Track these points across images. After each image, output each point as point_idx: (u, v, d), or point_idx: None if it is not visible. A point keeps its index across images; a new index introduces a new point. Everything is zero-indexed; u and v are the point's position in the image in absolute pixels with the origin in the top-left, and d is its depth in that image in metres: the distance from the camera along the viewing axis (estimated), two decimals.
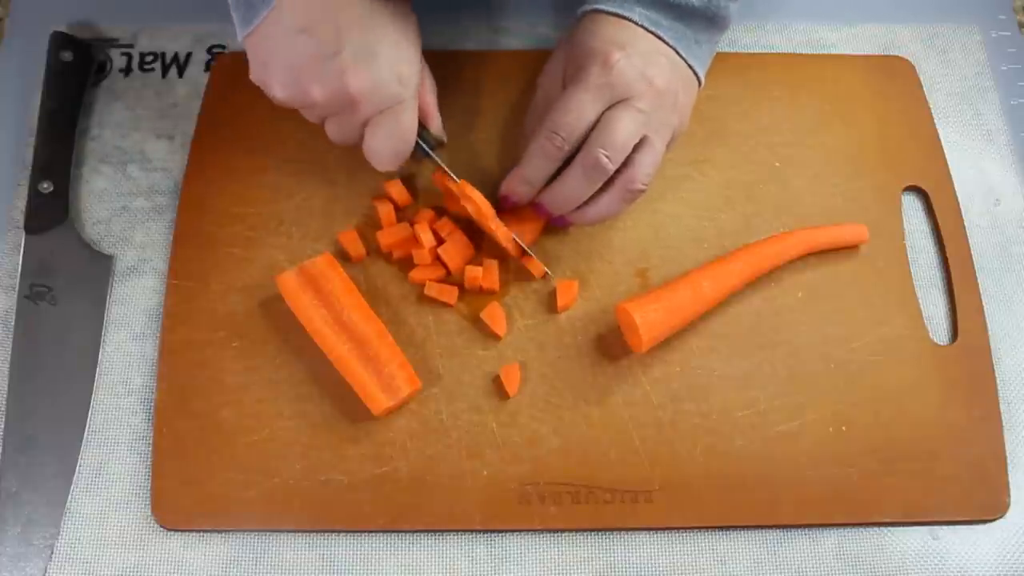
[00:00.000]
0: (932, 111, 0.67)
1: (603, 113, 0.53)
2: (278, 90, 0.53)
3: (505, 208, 0.58)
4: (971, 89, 0.69)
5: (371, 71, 0.51)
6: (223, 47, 0.68)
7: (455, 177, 0.58)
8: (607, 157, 0.52)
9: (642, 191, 0.54)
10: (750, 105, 0.66)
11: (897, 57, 0.69)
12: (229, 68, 0.67)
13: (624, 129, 0.52)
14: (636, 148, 0.53)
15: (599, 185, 0.54)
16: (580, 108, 0.52)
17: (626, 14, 0.54)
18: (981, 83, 0.69)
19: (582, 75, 0.53)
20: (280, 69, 0.52)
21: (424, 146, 0.57)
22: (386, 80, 0.52)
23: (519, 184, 0.56)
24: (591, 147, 0.53)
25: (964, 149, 0.66)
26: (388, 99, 0.52)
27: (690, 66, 0.56)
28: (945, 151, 0.65)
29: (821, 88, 0.67)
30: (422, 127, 0.56)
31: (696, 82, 0.57)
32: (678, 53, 0.55)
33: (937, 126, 0.66)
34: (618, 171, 0.54)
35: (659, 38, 0.55)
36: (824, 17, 0.71)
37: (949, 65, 0.70)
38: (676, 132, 0.56)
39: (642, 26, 0.54)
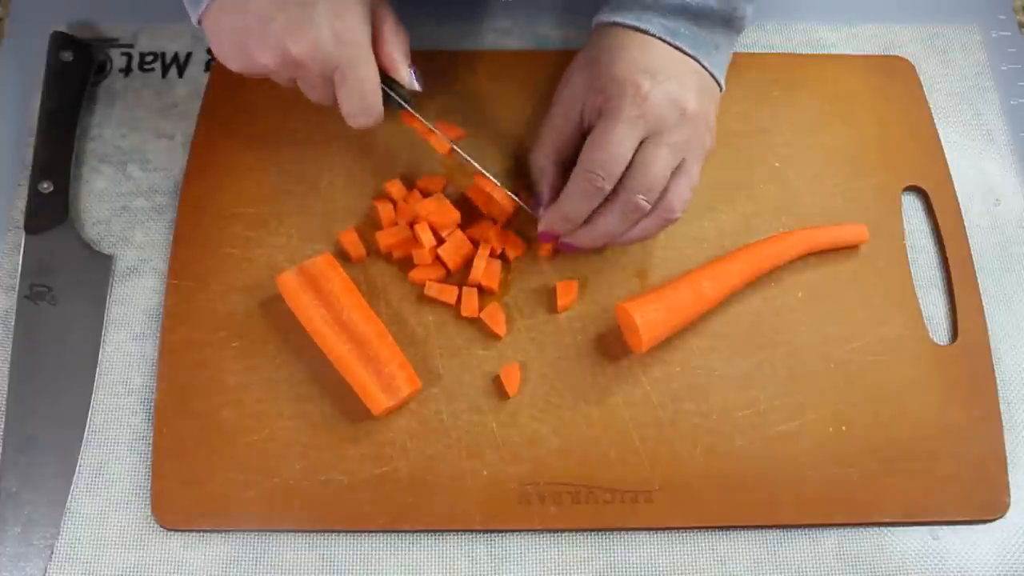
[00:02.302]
0: (932, 111, 0.67)
1: (639, 147, 0.53)
2: (233, 63, 0.54)
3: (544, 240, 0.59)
4: (971, 89, 0.69)
5: (308, 33, 0.51)
6: None
7: (432, 127, 0.58)
8: (645, 200, 0.53)
9: (679, 218, 0.55)
10: (750, 105, 0.66)
11: (897, 57, 0.69)
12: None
13: (660, 167, 0.53)
14: (672, 175, 0.54)
15: (636, 222, 0.55)
16: (618, 145, 0.52)
17: (644, 27, 0.54)
18: (981, 83, 0.69)
19: (614, 108, 0.52)
20: (230, 42, 0.53)
21: (398, 98, 0.56)
22: (324, 41, 0.52)
23: (560, 223, 0.55)
24: (630, 193, 0.53)
25: (964, 149, 0.66)
26: (332, 59, 0.52)
27: (712, 74, 0.55)
28: (945, 151, 0.65)
29: (821, 88, 0.67)
30: (392, 80, 0.56)
31: (718, 89, 0.57)
32: (700, 63, 0.55)
33: (937, 126, 0.66)
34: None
35: (679, 50, 0.54)
36: (824, 17, 0.71)
37: (949, 65, 0.70)
38: (707, 150, 0.56)
39: (661, 38, 0.54)
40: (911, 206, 0.64)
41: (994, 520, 0.55)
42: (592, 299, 0.60)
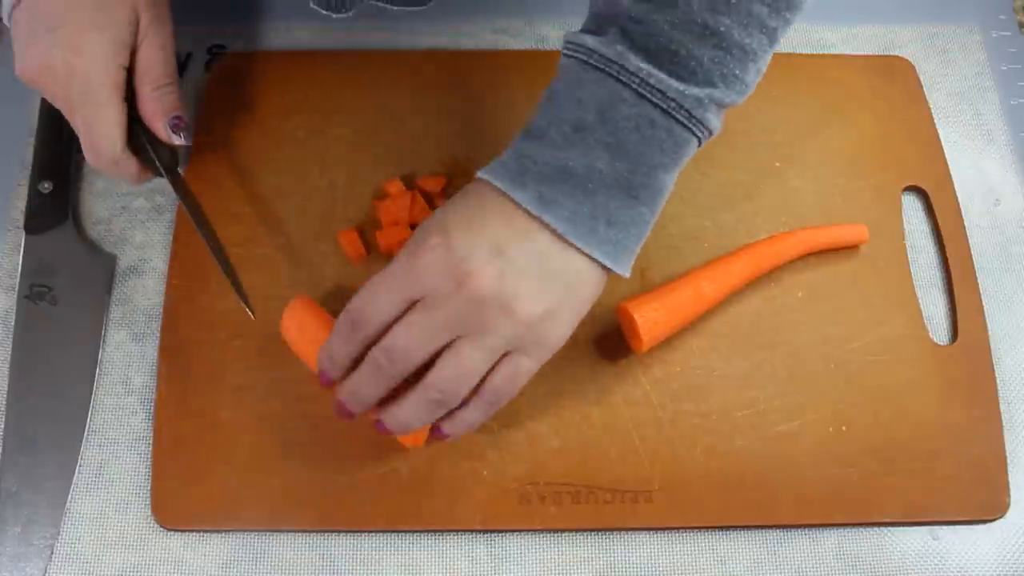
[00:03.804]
0: (932, 111, 0.67)
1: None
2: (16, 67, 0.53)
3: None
4: (971, 89, 0.69)
5: (45, 54, 0.50)
6: (223, 47, 0.68)
7: (184, 195, 0.56)
8: (389, 364, 0.45)
9: (440, 400, 0.45)
10: (750, 105, 0.66)
11: (897, 57, 0.69)
12: (229, 68, 0.67)
13: (409, 336, 0.44)
14: (443, 351, 0.44)
15: (385, 388, 0.46)
16: (369, 299, 0.45)
17: (512, 194, 0.43)
18: (981, 83, 0.69)
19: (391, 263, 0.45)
20: (14, 44, 0.52)
21: (156, 161, 0.55)
22: (58, 70, 0.50)
23: (324, 360, 0.48)
24: (375, 354, 0.45)
25: (964, 149, 0.67)
26: (63, 91, 0.51)
27: (596, 260, 0.44)
28: (945, 151, 0.65)
29: (821, 88, 0.67)
30: (155, 141, 0.55)
31: (603, 275, 0.46)
32: (573, 246, 0.44)
33: (937, 126, 0.66)
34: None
35: (547, 227, 0.43)
36: (824, 17, 0.71)
37: (949, 65, 0.70)
38: (507, 342, 0.44)
39: (525, 209, 0.43)
40: (911, 206, 0.64)
41: (994, 520, 0.55)
42: None
